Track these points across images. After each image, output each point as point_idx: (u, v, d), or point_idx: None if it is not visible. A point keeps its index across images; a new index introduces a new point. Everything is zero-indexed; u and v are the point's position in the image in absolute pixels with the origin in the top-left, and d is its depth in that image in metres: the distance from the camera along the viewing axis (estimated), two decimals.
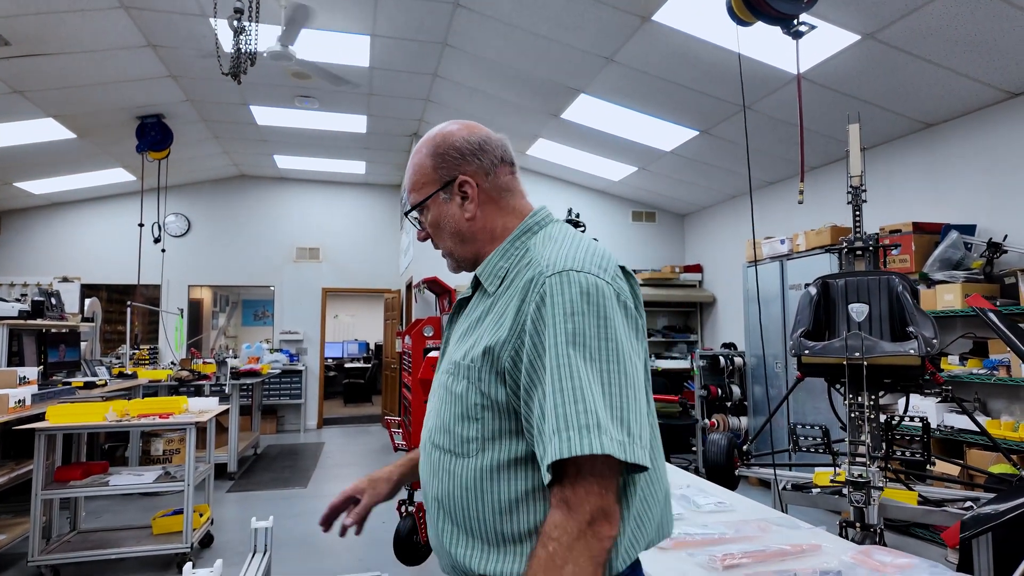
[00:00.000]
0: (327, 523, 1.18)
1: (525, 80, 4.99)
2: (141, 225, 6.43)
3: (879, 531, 2.57)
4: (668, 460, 3.65)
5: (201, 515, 3.89)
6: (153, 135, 6.03)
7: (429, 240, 1.09)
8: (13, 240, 7.87)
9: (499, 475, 0.87)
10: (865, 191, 3.08)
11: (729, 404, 5.78)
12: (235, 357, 7.35)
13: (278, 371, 8.08)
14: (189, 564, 1.84)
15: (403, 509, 3.33)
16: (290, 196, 8.96)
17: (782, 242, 5.26)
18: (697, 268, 7.45)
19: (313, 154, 7.79)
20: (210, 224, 8.60)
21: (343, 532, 1.19)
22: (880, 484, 2.62)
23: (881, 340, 2.76)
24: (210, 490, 4.15)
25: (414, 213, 1.08)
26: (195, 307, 10.70)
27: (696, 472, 5.01)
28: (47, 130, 5.71)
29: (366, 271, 9.11)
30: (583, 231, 1.56)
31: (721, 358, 5.93)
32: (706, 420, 5.85)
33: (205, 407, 3.96)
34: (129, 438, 5.40)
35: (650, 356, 5.58)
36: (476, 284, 1.03)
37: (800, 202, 2.69)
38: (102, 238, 8.06)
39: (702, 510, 1.96)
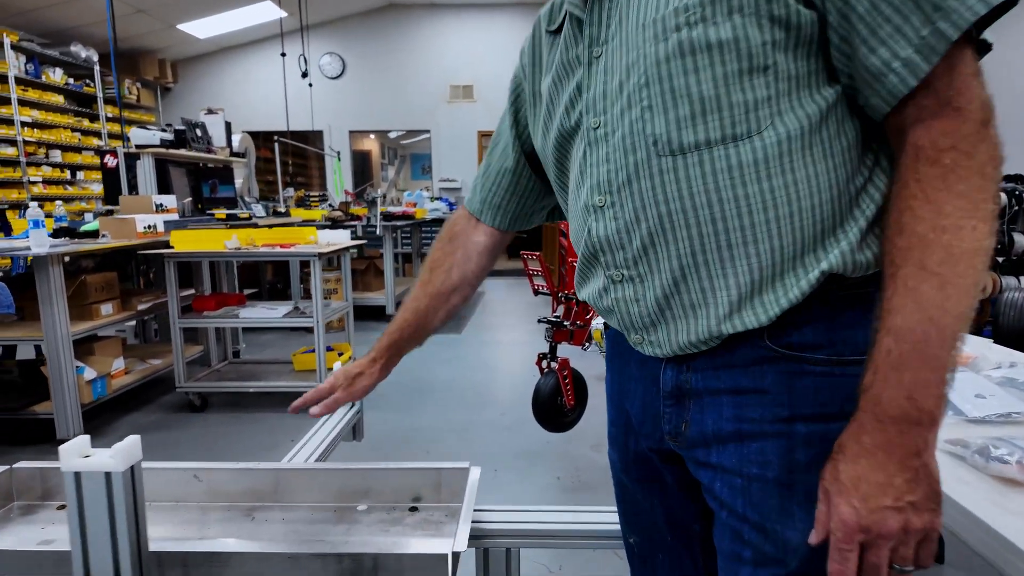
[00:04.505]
0: (296, 410, 1.10)
1: None
2: (283, 55, 6.04)
3: None
4: None
5: (341, 354, 3.63)
6: None
7: None
8: (190, 87, 8.15)
9: (807, 145, 0.62)
10: None
11: (1015, 259, 4.13)
12: (398, 205, 7.13)
13: (438, 217, 7.79)
14: (339, 362, 1.49)
15: (544, 365, 2.63)
16: (442, 26, 8.08)
17: None
18: None
19: None
20: (364, 63, 8.13)
21: (313, 415, 1.10)
22: None
23: None
24: (350, 330, 3.87)
25: None
26: (363, 158, 10.76)
27: None
28: None
29: None
30: None
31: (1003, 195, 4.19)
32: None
33: (333, 239, 3.53)
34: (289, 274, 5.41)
35: None
36: None
37: None
38: (264, 85, 8.03)
39: None
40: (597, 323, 1.11)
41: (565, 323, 2.70)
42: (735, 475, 0.68)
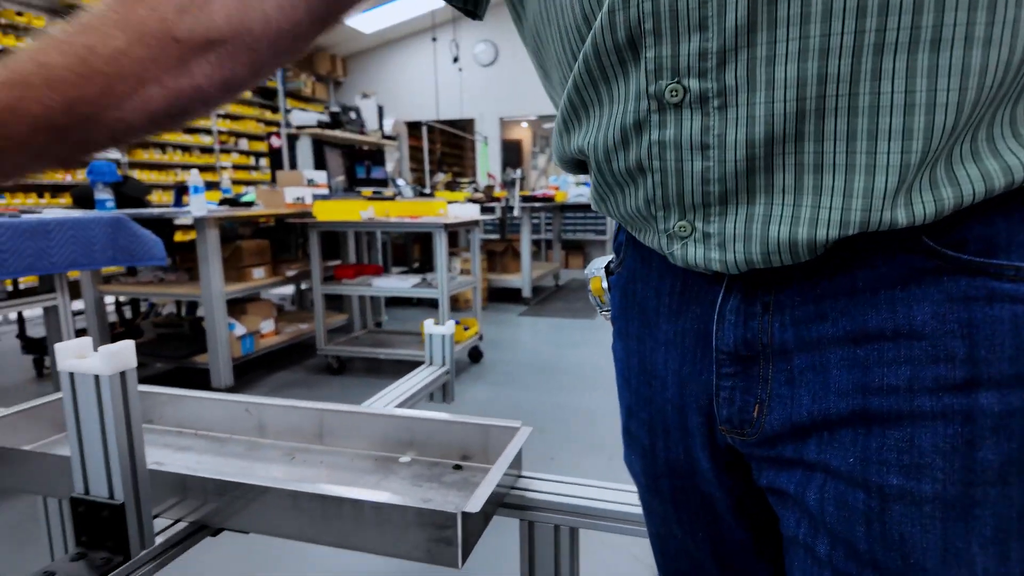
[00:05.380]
0: None
1: None
2: (434, 39, 6.24)
3: None
4: None
5: (467, 328, 3.65)
6: None
7: None
8: (356, 81, 8.81)
9: None
10: None
11: None
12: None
13: (582, 202, 7.62)
14: (430, 320, 1.57)
15: None
16: None
17: None
18: None
19: None
20: (517, 50, 8.18)
21: None
22: None
23: None
24: (477, 307, 3.87)
25: None
26: (515, 147, 10.91)
27: None
28: None
29: None
30: None
31: None
32: None
33: (462, 213, 3.54)
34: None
35: None
36: None
37: None
38: (420, 75, 8.44)
39: None
40: (592, 268, 0.64)
41: None
42: (853, 485, 0.39)
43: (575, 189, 7.91)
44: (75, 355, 0.73)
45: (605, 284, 0.62)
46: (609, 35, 0.39)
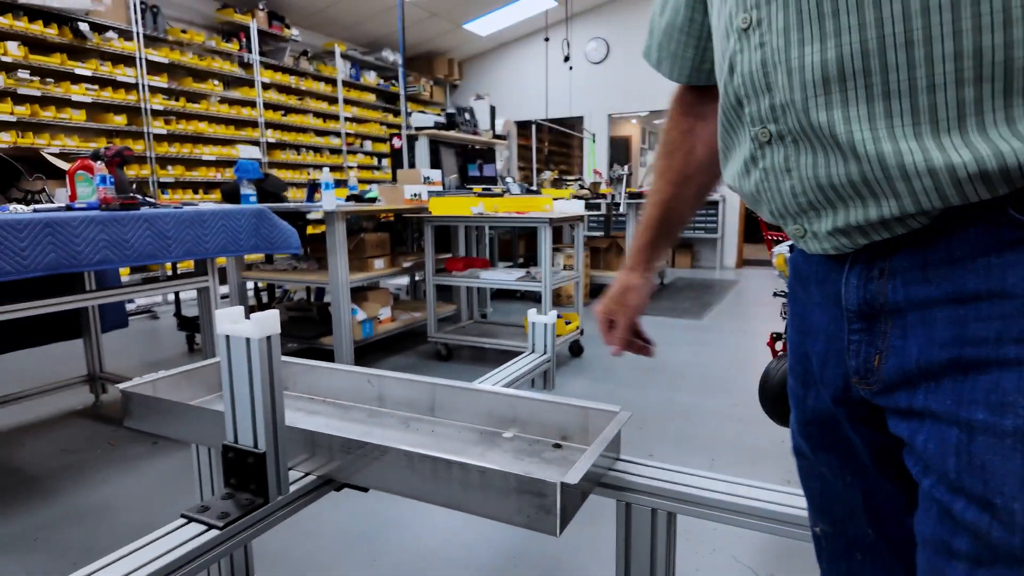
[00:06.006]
0: (618, 352, 0.94)
1: None
2: (546, 39, 6.30)
3: None
4: None
5: (568, 323, 3.68)
6: None
7: None
8: (471, 83, 9.08)
9: None
10: None
11: None
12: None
13: None
14: (534, 310, 1.63)
15: (781, 346, 2.26)
16: None
17: None
18: None
19: None
20: (628, 44, 8.07)
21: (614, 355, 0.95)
22: None
23: None
24: (579, 302, 3.89)
25: None
26: (623, 144, 10.76)
27: None
28: None
29: None
30: None
31: None
32: None
33: (566, 209, 3.57)
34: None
35: None
36: None
37: None
38: (531, 76, 8.55)
39: None
40: (779, 248, 0.86)
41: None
42: (949, 424, 0.46)
43: None
44: (230, 321, 0.84)
45: (787, 259, 0.77)
46: (728, 98, 0.58)
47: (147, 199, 2.26)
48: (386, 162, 8.18)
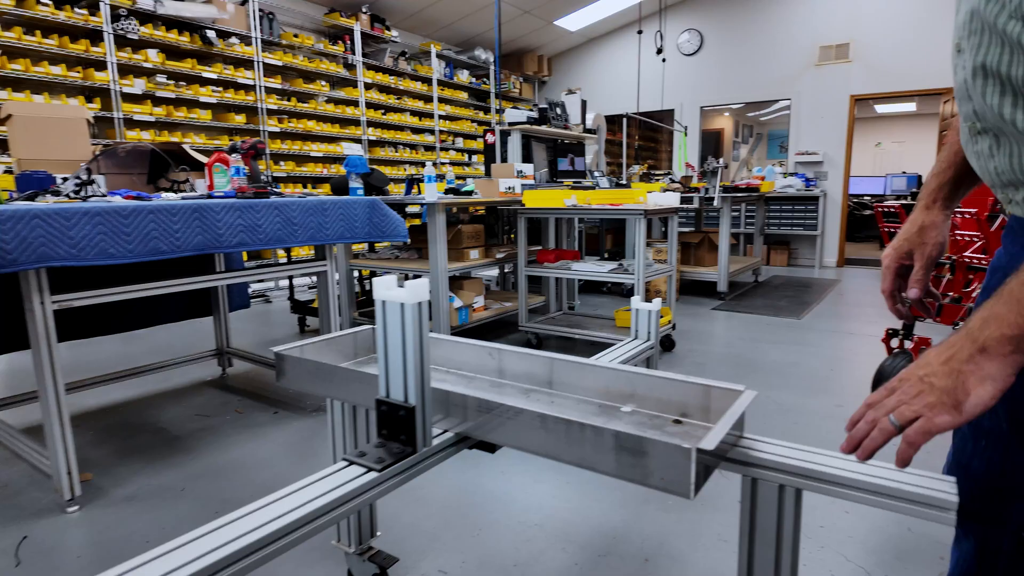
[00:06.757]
0: (898, 313, 0.96)
1: None
2: (639, 32, 6.22)
3: None
4: None
5: (661, 316, 3.64)
6: None
7: None
8: (560, 79, 9.11)
9: None
10: None
11: None
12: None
13: (789, 194, 7.07)
14: (638, 298, 1.63)
15: (897, 343, 2.15)
16: None
17: None
18: None
19: None
20: (722, 35, 7.82)
21: (913, 313, 0.96)
22: None
23: None
24: (671, 296, 3.84)
25: None
26: (715, 137, 10.42)
27: None
28: None
29: (913, 68, 6.68)
30: None
31: None
32: None
33: (661, 201, 3.53)
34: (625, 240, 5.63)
35: None
36: None
37: None
38: (620, 70, 8.46)
39: None
40: None
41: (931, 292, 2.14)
42: None
43: (782, 180, 7.35)
44: (386, 288, 0.93)
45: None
46: (957, 96, 0.74)
47: (274, 189, 2.47)
48: (475, 158, 8.37)
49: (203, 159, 2.66)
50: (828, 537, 1.69)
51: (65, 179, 2.12)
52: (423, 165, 7.41)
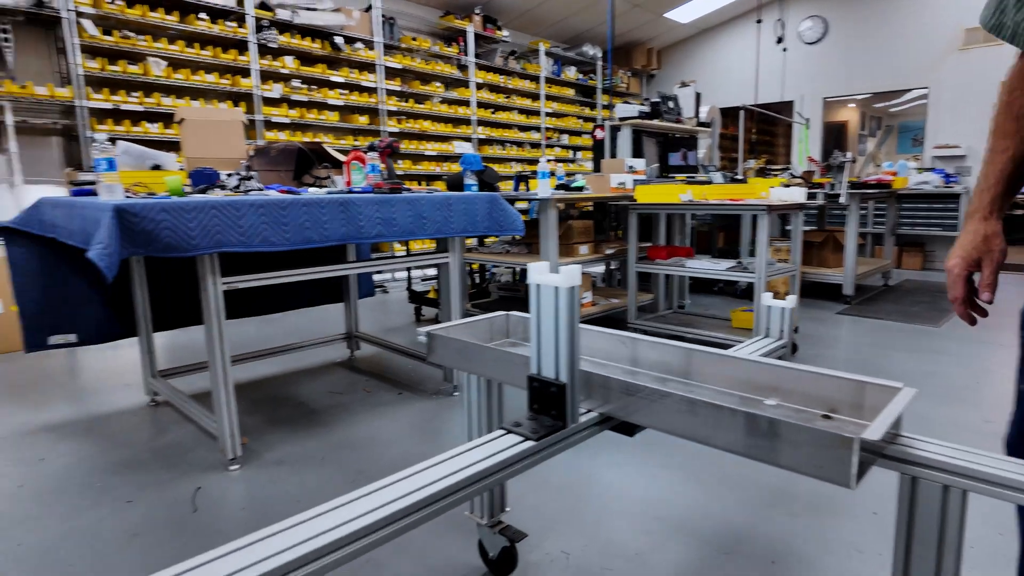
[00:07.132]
0: (970, 318, 1.03)
1: None
2: (759, 21, 5.95)
3: None
4: None
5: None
6: None
7: None
8: (670, 73, 8.89)
9: None
10: None
11: None
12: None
13: (925, 191, 6.49)
14: (769, 295, 1.67)
15: None
16: None
17: None
18: None
19: None
20: (849, 21, 7.30)
21: (977, 317, 1.03)
22: None
23: None
24: (794, 297, 3.65)
25: None
26: (838, 130, 9.74)
27: None
28: None
29: None
30: None
31: None
32: None
33: (786, 196, 3.38)
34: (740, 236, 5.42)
35: None
36: None
37: None
38: (735, 61, 8.12)
39: None
40: None
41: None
42: None
43: (917, 176, 6.75)
44: (539, 273, 0.99)
45: None
46: None
47: (405, 186, 2.63)
48: (580, 154, 8.37)
49: (341, 157, 2.88)
50: (978, 556, 1.57)
51: (229, 175, 2.39)
52: (530, 162, 7.52)
